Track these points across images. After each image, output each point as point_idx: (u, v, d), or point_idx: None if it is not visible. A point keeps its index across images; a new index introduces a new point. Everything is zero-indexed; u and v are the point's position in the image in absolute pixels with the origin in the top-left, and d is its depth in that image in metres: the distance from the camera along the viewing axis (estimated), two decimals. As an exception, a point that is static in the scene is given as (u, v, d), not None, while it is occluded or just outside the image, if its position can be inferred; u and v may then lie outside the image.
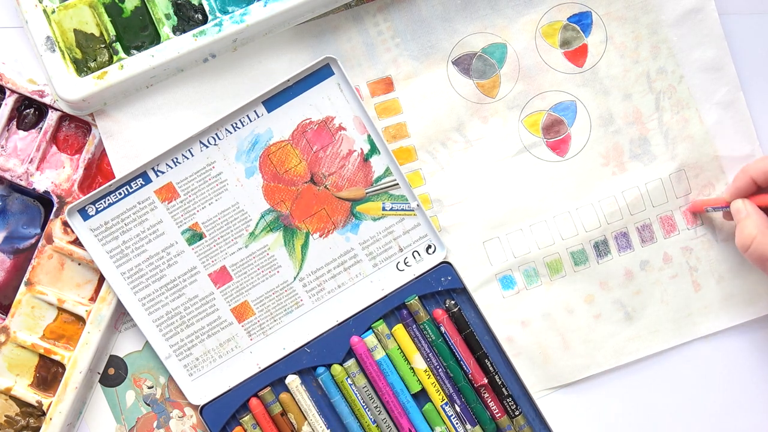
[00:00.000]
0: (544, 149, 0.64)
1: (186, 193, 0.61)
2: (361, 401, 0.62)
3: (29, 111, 0.63)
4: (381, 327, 0.62)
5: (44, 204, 0.63)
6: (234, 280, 0.62)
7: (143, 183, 0.61)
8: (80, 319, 0.62)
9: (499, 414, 0.62)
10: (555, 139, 0.64)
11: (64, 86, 0.60)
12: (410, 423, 0.62)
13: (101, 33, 0.61)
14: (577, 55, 0.64)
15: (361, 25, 0.63)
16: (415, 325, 0.62)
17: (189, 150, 0.61)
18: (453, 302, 0.62)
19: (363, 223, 0.63)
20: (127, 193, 0.61)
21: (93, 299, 0.63)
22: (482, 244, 0.64)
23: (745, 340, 0.65)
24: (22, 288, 0.62)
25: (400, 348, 0.62)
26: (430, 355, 0.62)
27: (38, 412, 0.63)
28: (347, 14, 0.63)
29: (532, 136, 0.64)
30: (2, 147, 0.62)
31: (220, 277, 0.62)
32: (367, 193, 0.62)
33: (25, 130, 0.63)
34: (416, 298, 0.62)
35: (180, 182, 0.61)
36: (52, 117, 0.62)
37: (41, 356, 0.63)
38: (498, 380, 0.62)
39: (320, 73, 0.61)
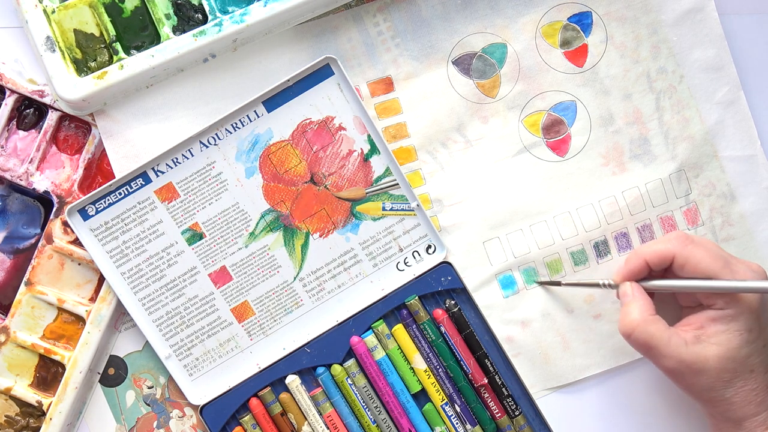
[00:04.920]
0: (544, 149, 0.64)
1: (186, 193, 0.62)
2: (361, 401, 0.62)
3: (29, 111, 0.63)
4: (381, 327, 0.62)
5: (44, 204, 0.63)
6: (234, 280, 0.62)
7: (143, 183, 0.61)
8: (80, 319, 0.62)
9: (499, 414, 0.62)
10: (555, 139, 0.64)
11: (64, 86, 0.60)
12: (410, 423, 0.62)
13: (101, 33, 0.61)
14: (577, 55, 0.64)
15: (361, 25, 0.63)
16: (415, 325, 0.62)
17: (189, 150, 0.61)
18: (453, 302, 0.62)
19: (363, 223, 0.63)
20: (127, 193, 0.61)
21: (93, 299, 0.63)
22: (482, 244, 0.64)
23: (746, 340, 0.65)
24: (22, 288, 0.62)
25: (400, 348, 0.62)
26: (430, 355, 0.62)
27: (38, 412, 0.63)
28: (347, 14, 0.63)
29: (532, 136, 0.64)
30: (2, 147, 0.62)
31: (220, 277, 0.62)
32: (367, 193, 0.62)
33: (25, 130, 0.63)
34: (416, 298, 0.62)
35: (180, 182, 0.61)
36: (52, 117, 0.62)
37: (41, 356, 0.63)
38: (498, 380, 0.62)
39: (320, 73, 0.61)
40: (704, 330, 0.55)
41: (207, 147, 0.61)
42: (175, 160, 0.61)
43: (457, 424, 0.62)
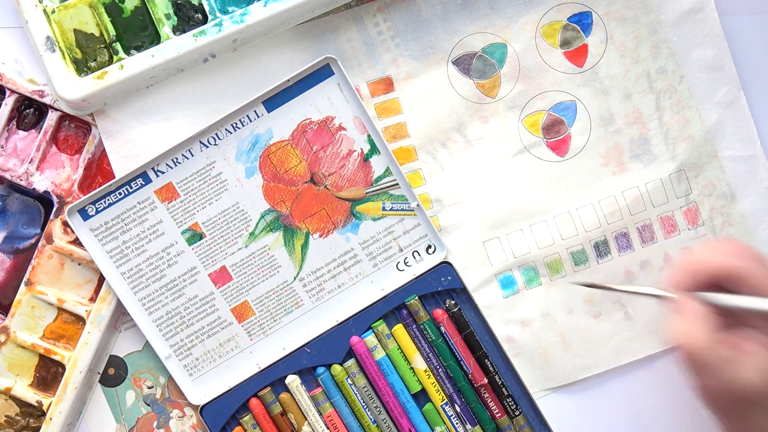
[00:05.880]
0: (544, 149, 0.64)
1: (186, 193, 0.62)
2: (361, 401, 0.62)
3: (29, 111, 0.63)
4: (381, 327, 0.62)
5: (44, 204, 0.63)
6: (234, 280, 0.62)
7: (143, 183, 0.61)
8: (80, 319, 0.62)
9: (499, 414, 0.62)
10: (555, 139, 0.64)
11: (64, 86, 0.60)
12: (410, 423, 0.62)
13: (101, 33, 0.61)
14: (578, 55, 0.64)
15: (361, 25, 0.63)
16: (415, 325, 0.62)
17: (189, 150, 0.61)
18: (453, 302, 0.62)
19: (363, 223, 0.63)
20: (127, 193, 0.61)
21: (93, 299, 0.63)
22: (482, 244, 0.64)
23: (746, 340, 0.64)
24: (22, 288, 0.62)
25: (400, 348, 0.62)
26: (430, 355, 0.62)
27: (38, 412, 0.63)
28: (347, 14, 0.63)
29: (532, 136, 0.64)
30: (2, 147, 0.62)
31: (220, 277, 0.62)
32: (367, 193, 0.62)
33: (25, 130, 0.63)
34: (416, 298, 0.62)
35: (180, 182, 0.61)
36: (52, 117, 0.62)
37: (41, 356, 0.63)
38: (498, 380, 0.62)
39: (320, 73, 0.61)
40: (758, 355, 0.49)
41: (207, 147, 0.61)
42: (175, 160, 0.61)
43: (457, 424, 0.62)
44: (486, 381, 0.62)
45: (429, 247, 0.63)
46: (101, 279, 0.62)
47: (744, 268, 0.50)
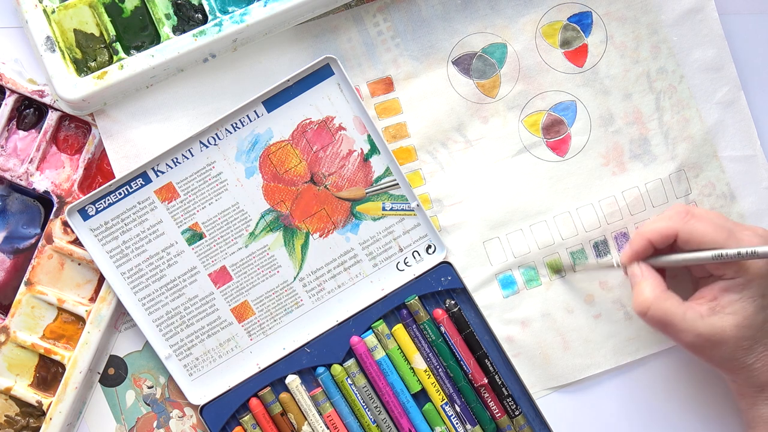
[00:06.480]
0: (544, 149, 0.64)
1: (186, 193, 0.62)
2: (361, 401, 0.62)
3: (29, 111, 0.63)
4: (381, 327, 0.62)
5: (44, 204, 0.64)
6: (234, 280, 0.62)
7: (143, 183, 0.61)
8: (80, 319, 0.62)
9: (499, 414, 0.62)
10: (555, 139, 0.64)
11: (64, 86, 0.60)
12: (410, 423, 0.62)
13: (101, 33, 0.61)
14: (577, 55, 0.64)
15: (361, 25, 0.63)
16: (415, 325, 0.62)
17: (189, 150, 0.61)
18: (453, 302, 0.62)
19: (363, 223, 0.63)
20: (127, 193, 0.61)
21: (93, 299, 0.63)
22: (482, 244, 0.64)
23: (745, 340, 0.65)
24: (22, 288, 0.62)
25: (400, 348, 0.62)
26: (430, 355, 0.62)
27: (38, 412, 0.63)
28: (347, 14, 0.63)
29: (532, 136, 0.64)
30: (2, 147, 0.62)
31: (220, 277, 0.62)
32: (367, 193, 0.62)
33: (25, 130, 0.63)
34: (416, 298, 0.62)
35: (180, 182, 0.61)
36: (52, 117, 0.62)
37: (41, 356, 0.63)
38: (498, 380, 0.62)
39: (320, 73, 0.61)
40: (718, 301, 0.55)
41: (207, 147, 0.61)
42: (175, 160, 0.61)
43: (457, 424, 0.62)
44: (486, 381, 0.62)
45: (429, 247, 0.63)
46: (101, 279, 0.62)
47: (678, 228, 0.56)
